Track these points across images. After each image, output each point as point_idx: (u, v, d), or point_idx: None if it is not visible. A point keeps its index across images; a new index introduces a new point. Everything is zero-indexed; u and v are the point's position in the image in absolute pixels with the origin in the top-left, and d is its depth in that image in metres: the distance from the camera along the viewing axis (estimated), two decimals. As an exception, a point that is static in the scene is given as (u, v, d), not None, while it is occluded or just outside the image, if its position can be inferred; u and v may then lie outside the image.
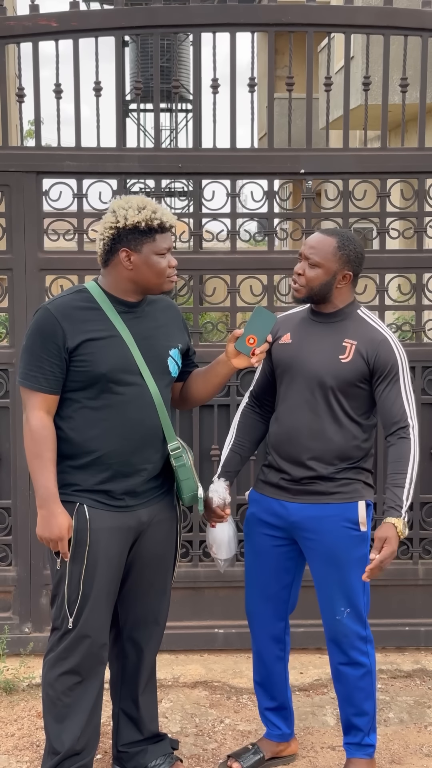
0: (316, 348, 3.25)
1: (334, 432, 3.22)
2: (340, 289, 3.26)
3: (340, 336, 3.25)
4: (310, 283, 3.23)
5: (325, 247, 3.23)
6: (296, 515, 3.26)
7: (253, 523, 3.40)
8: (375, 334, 3.24)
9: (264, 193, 4.43)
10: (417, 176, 4.47)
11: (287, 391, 3.30)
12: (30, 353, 3.01)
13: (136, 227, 2.98)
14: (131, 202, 3.01)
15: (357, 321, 3.29)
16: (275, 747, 3.55)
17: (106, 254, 3.05)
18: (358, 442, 3.25)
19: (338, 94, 5.17)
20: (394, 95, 4.60)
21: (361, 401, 3.24)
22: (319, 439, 3.22)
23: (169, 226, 3.04)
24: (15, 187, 4.34)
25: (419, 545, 4.52)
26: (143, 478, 3.11)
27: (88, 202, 4.39)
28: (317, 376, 3.21)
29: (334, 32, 4.43)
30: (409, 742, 3.75)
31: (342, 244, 3.23)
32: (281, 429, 3.30)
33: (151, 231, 3.00)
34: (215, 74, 4.38)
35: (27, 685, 4.13)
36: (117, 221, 2.99)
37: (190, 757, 3.60)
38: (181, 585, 4.34)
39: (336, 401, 3.21)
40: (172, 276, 3.09)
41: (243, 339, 3.10)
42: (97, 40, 4.33)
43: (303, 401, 3.24)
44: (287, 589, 3.43)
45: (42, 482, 2.98)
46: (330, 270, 3.22)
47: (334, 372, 3.20)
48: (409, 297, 4.54)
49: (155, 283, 3.06)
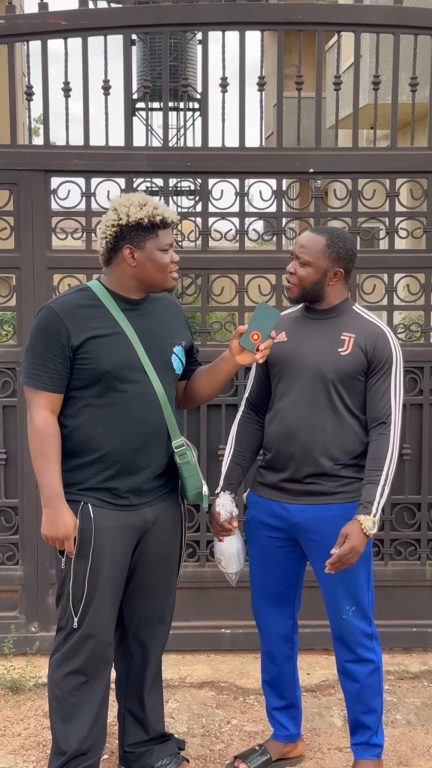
0: (314, 343, 3.25)
1: (334, 427, 3.21)
2: (333, 286, 3.26)
3: (337, 330, 3.24)
4: (302, 281, 3.23)
5: (314, 246, 3.23)
6: (298, 516, 3.25)
7: (254, 526, 3.38)
8: (373, 327, 3.25)
9: (272, 193, 4.42)
10: (426, 176, 4.45)
11: (285, 387, 3.28)
12: (34, 352, 3.01)
13: (139, 224, 2.98)
14: (132, 199, 3.01)
15: (353, 316, 3.29)
16: (282, 748, 3.54)
17: (109, 252, 3.05)
18: (359, 436, 3.24)
19: (347, 93, 5.16)
20: (404, 94, 4.59)
21: (360, 395, 3.23)
22: (320, 434, 3.20)
23: (170, 222, 3.04)
24: (23, 186, 4.33)
25: (427, 546, 4.51)
26: (148, 476, 3.11)
27: (96, 201, 4.39)
28: (317, 370, 3.20)
29: (343, 31, 4.42)
30: (416, 744, 3.74)
31: (331, 242, 3.23)
32: (280, 427, 3.28)
33: (153, 227, 3.00)
34: (224, 73, 4.37)
35: (33, 684, 4.13)
36: (119, 219, 2.99)
37: (196, 758, 3.59)
38: (188, 585, 4.34)
39: (337, 395, 3.20)
40: (174, 272, 3.09)
41: (247, 335, 3.09)
42: (106, 39, 4.33)
43: (303, 397, 3.23)
44: (292, 589, 3.42)
45: (47, 481, 2.98)
46: (320, 268, 3.22)
47: (334, 365, 3.19)
48: (418, 297, 4.52)
49: (159, 279, 3.06)
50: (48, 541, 3.02)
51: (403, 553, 4.52)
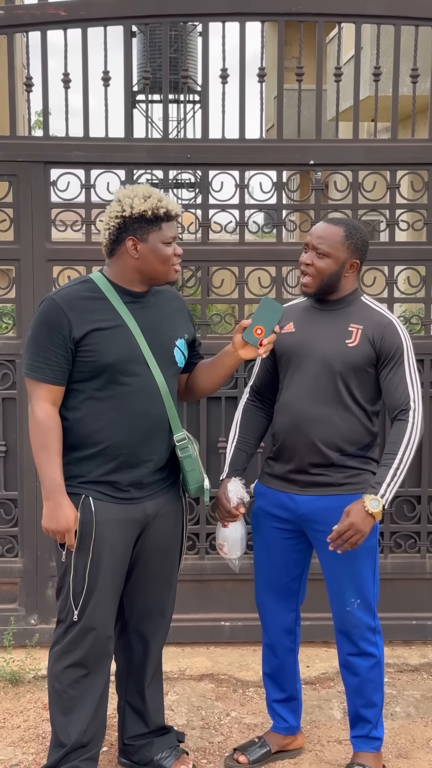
0: (321, 334, 3.24)
1: (340, 417, 3.20)
2: (348, 278, 3.26)
3: (345, 321, 3.23)
4: (321, 273, 3.22)
5: (333, 237, 3.22)
6: (305, 507, 3.25)
7: (261, 517, 3.38)
8: (380, 318, 3.24)
9: (273, 184, 4.41)
10: (427, 168, 4.44)
11: (292, 378, 3.28)
12: (35, 344, 3.00)
13: (143, 216, 2.96)
14: (136, 191, 3.00)
15: (361, 306, 3.28)
16: (282, 740, 3.54)
17: (112, 244, 3.04)
18: (366, 427, 3.24)
19: (348, 84, 5.13)
20: (404, 86, 4.56)
21: (368, 386, 3.23)
22: (326, 425, 3.20)
23: (174, 214, 3.02)
24: (23, 177, 4.32)
25: (427, 539, 4.51)
26: (149, 470, 3.10)
27: (96, 193, 4.38)
28: (325, 361, 3.19)
29: (344, 22, 4.41)
30: (416, 737, 3.74)
31: (349, 233, 3.23)
32: (287, 417, 3.27)
33: (157, 219, 2.98)
34: (224, 64, 4.35)
35: (33, 676, 4.13)
36: (123, 210, 2.97)
37: (196, 750, 3.60)
38: (188, 577, 4.33)
39: (344, 386, 3.19)
40: (177, 265, 3.07)
41: (251, 330, 3.08)
42: (105, 30, 4.31)
43: (309, 388, 3.22)
44: (297, 581, 3.42)
45: (48, 474, 2.97)
46: (339, 259, 3.21)
47: (341, 357, 3.18)
48: (419, 289, 4.52)
49: (161, 271, 3.04)
50: (48, 534, 3.02)
51: (403, 546, 4.52)
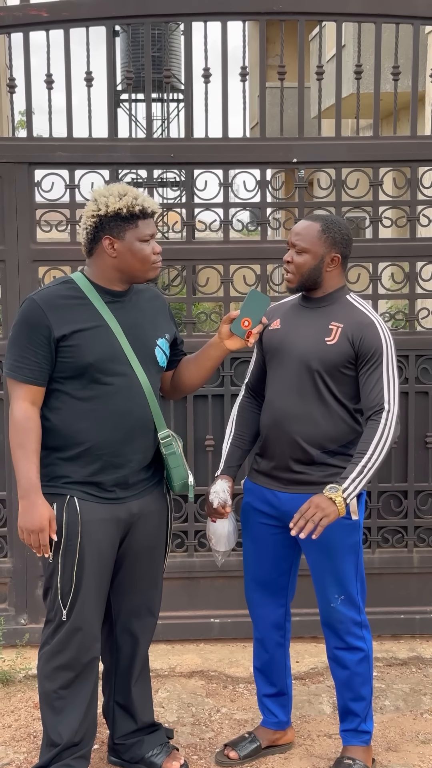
0: (303, 332, 3.26)
1: (321, 415, 3.21)
2: (330, 273, 3.27)
3: (326, 319, 3.25)
4: (299, 269, 3.24)
5: (310, 232, 3.24)
6: (288, 505, 3.26)
7: (248, 512, 3.40)
8: (362, 318, 3.24)
9: (256, 183, 4.42)
10: (409, 164, 4.46)
11: (276, 375, 3.30)
12: (16, 344, 3.00)
13: (118, 214, 2.97)
14: (111, 189, 3.00)
15: (345, 305, 3.29)
16: (272, 735, 3.56)
17: (90, 243, 3.04)
18: (348, 424, 3.25)
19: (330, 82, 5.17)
20: (386, 83, 4.59)
21: (349, 385, 3.24)
22: (306, 422, 3.21)
23: (151, 212, 3.02)
24: (6, 178, 4.32)
25: (414, 533, 4.53)
26: (133, 469, 3.11)
27: (80, 193, 4.38)
28: (303, 359, 3.21)
29: (325, 20, 4.42)
30: (405, 730, 3.77)
31: (326, 227, 3.24)
32: (270, 414, 3.30)
33: (133, 217, 2.98)
34: (207, 64, 4.36)
35: (23, 676, 4.14)
36: (98, 209, 2.98)
37: (186, 747, 3.61)
38: (177, 575, 4.35)
39: (323, 384, 3.21)
40: (157, 263, 3.07)
41: (238, 321, 3.09)
42: (88, 30, 4.31)
43: (290, 385, 3.24)
44: (286, 576, 3.43)
45: (24, 473, 2.96)
46: (317, 254, 3.23)
47: (319, 355, 3.19)
48: (403, 286, 4.54)
49: (140, 270, 3.05)
50: (23, 535, 2.98)
51: (390, 541, 4.55)
